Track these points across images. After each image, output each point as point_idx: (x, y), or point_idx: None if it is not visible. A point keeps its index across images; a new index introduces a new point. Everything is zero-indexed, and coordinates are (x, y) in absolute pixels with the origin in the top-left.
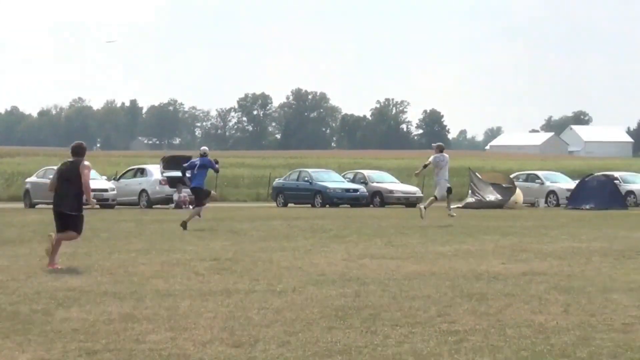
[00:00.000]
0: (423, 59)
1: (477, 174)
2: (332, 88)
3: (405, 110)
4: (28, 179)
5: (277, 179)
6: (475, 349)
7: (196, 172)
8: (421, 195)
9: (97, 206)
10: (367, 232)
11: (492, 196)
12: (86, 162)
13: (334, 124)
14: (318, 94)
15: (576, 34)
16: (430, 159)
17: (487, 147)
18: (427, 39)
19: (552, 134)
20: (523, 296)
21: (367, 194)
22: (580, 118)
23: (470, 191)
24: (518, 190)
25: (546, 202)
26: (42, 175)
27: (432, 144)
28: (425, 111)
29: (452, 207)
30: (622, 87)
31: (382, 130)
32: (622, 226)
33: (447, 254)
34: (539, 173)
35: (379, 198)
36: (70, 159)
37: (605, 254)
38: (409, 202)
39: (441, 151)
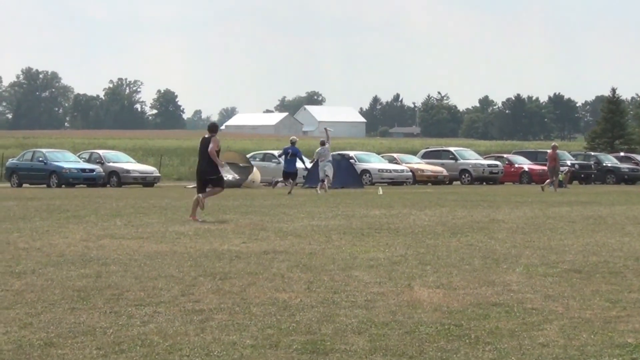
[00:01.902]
0: (155, 37)
1: None
2: (63, 67)
3: (138, 90)
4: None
5: (10, 159)
6: (221, 327)
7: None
8: (158, 175)
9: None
10: (106, 213)
11: (229, 175)
12: (216, 137)
13: (66, 104)
14: (49, 73)
15: (308, 16)
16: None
17: (223, 127)
18: (157, 15)
19: (286, 114)
20: (266, 274)
21: (103, 174)
22: (314, 98)
23: None
24: (255, 170)
25: (284, 181)
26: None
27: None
28: (159, 91)
29: (189, 186)
30: (354, 69)
31: (115, 110)
32: (360, 204)
33: (188, 234)
34: (275, 152)
35: (116, 178)
36: (207, 135)
37: (345, 232)
38: (146, 181)
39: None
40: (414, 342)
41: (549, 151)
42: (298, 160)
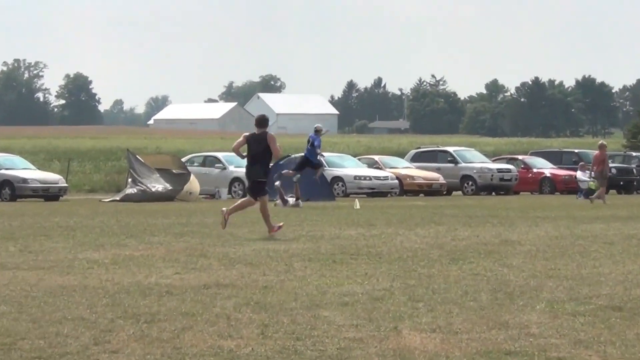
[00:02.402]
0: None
1: (138, 157)
2: None
3: (41, 74)
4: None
5: None
6: None
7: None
8: (65, 185)
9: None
10: None
11: (159, 185)
12: (272, 133)
13: None
14: None
15: None
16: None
17: (151, 122)
18: None
19: (234, 104)
20: (206, 315)
21: None
22: (271, 84)
23: (130, 179)
24: (193, 178)
25: (230, 192)
26: None
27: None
28: (67, 76)
29: (107, 200)
30: (323, 47)
31: (10, 101)
32: (330, 222)
33: (103, 262)
34: (220, 155)
35: (9, 189)
36: (256, 131)
37: (311, 259)
38: (49, 194)
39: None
40: None
41: (595, 152)
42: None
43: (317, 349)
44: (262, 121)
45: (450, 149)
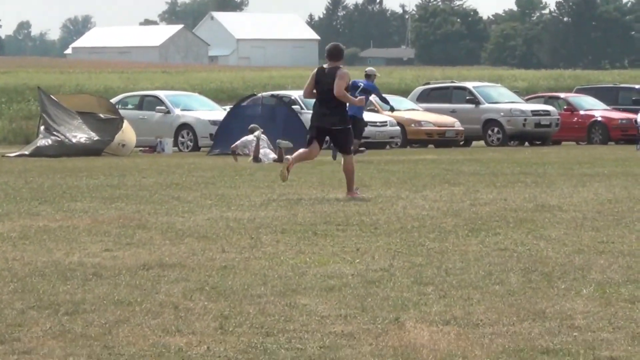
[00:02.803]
0: None
1: (53, 97)
2: None
3: None
4: None
5: None
6: None
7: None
8: None
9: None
10: None
11: (81, 135)
12: (344, 70)
13: None
14: None
15: None
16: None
17: (69, 51)
18: None
19: (180, 27)
20: (147, 305)
21: None
22: (228, 0)
23: (42, 127)
24: (126, 125)
25: (176, 143)
26: None
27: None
28: None
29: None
30: None
31: None
32: (311, 182)
33: (9, 236)
34: (161, 94)
35: None
36: (327, 65)
37: (284, 230)
38: None
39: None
40: None
41: None
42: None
43: (294, 347)
44: (334, 53)
45: (469, 84)
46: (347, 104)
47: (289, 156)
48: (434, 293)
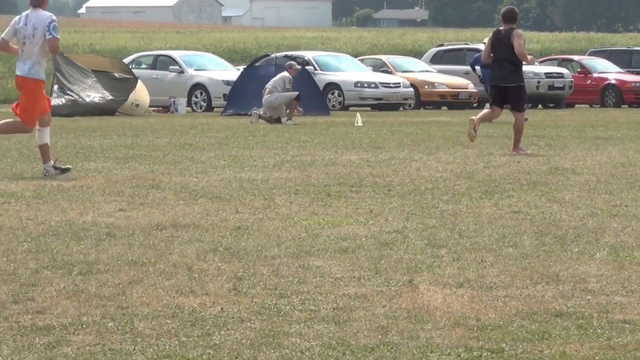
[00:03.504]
0: None
1: (67, 55)
2: None
3: None
4: None
5: None
6: (82, 359)
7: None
8: None
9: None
10: None
11: (95, 94)
12: (519, 31)
13: None
14: None
15: None
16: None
17: (82, 11)
18: None
19: None
20: (160, 265)
21: None
22: None
23: (56, 86)
24: (140, 85)
25: (190, 103)
26: None
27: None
28: None
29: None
30: None
31: None
32: (324, 143)
33: (23, 195)
34: (175, 54)
35: None
36: (502, 27)
37: (298, 192)
38: None
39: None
40: None
41: None
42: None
43: (307, 308)
44: (510, 16)
45: (482, 47)
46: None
47: (473, 117)
48: (447, 255)
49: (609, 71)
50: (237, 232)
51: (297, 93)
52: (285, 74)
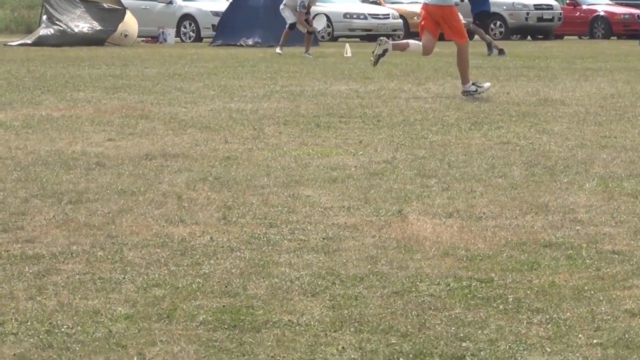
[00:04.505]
0: None
1: None
2: None
3: None
4: None
5: None
6: (72, 287)
7: None
8: None
9: None
10: None
11: (84, 24)
12: None
13: None
14: None
15: None
16: None
17: None
18: None
19: None
20: (150, 194)
21: None
22: None
23: (44, 16)
24: (129, 15)
25: (178, 34)
26: None
27: None
28: None
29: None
30: None
31: None
32: (313, 74)
33: (12, 125)
34: None
35: None
36: None
37: (287, 122)
38: None
39: None
40: (409, 310)
41: None
42: None
43: (297, 238)
44: None
45: None
46: None
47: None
48: (436, 186)
49: (598, 3)
50: (227, 162)
51: (290, 22)
52: None
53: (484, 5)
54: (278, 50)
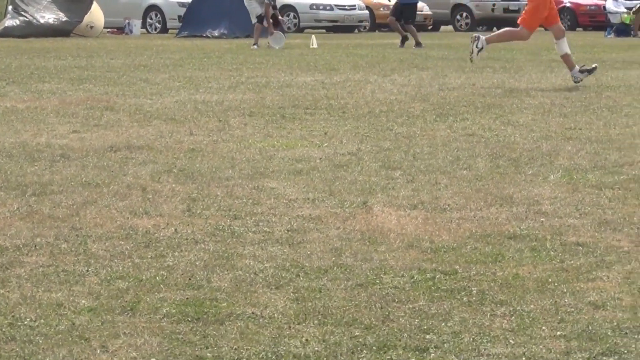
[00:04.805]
0: None
1: None
2: None
3: None
4: None
5: None
6: (36, 279)
7: None
8: None
9: None
10: None
11: (50, 15)
12: None
13: None
14: None
15: None
16: None
17: None
18: None
19: None
20: (114, 186)
21: None
22: None
23: (10, 7)
24: (95, 6)
25: (144, 25)
26: None
27: None
28: None
29: None
30: None
31: None
32: (279, 65)
33: None
34: None
35: None
36: None
37: (252, 113)
38: None
39: None
40: (373, 302)
41: None
42: None
43: (262, 230)
44: None
45: None
46: None
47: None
48: (401, 177)
49: None
50: (192, 154)
51: (257, 15)
52: None
53: None
54: (254, 47)
